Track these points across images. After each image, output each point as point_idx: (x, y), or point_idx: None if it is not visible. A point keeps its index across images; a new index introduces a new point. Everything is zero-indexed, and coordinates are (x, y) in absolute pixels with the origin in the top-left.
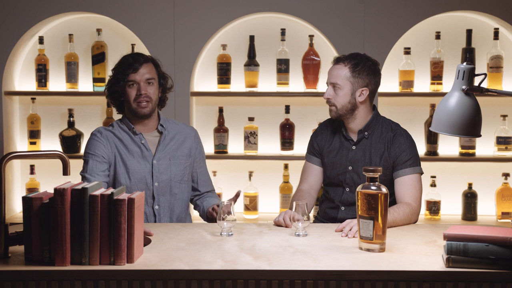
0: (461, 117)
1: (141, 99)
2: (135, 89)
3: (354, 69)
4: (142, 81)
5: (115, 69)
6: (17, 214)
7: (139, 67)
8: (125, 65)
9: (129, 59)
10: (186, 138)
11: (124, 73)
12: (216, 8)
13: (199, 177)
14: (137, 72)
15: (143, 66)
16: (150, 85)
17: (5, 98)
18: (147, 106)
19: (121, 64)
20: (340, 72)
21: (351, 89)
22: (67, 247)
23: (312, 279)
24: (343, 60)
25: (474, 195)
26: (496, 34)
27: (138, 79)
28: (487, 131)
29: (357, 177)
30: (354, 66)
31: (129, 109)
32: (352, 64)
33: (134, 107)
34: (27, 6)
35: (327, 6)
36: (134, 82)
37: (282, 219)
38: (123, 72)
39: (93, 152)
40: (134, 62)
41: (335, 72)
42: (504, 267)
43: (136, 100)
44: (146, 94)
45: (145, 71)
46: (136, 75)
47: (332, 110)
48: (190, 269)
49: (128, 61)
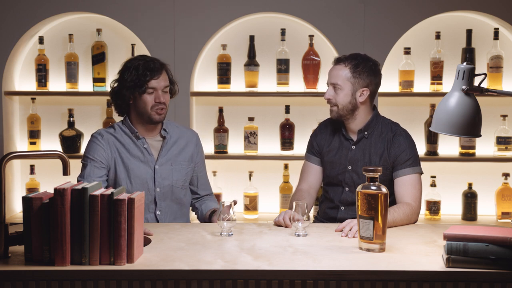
0: (461, 117)
1: (159, 106)
2: (153, 96)
3: (355, 70)
4: (160, 89)
5: (131, 72)
6: (17, 214)
7: (159, 75)
8: (146, 70)
9: (150, 65)
10: (188, 143)
11: (143, 79)
12: (216, 8)
13: (199, 181)
14: (158, 79)
15: (162, 73)
16: (166, 93)
17: (5, 98)
18: (163, 113)
19: (142, 68)
20: (340, 73)
21: (352, 89)
22: (67, 247)
23: (312, 279)
24: (344, 60)
25: (474, 195)
26: (496, 34)
27: (157, 86)
28: (487, 131)
29: (356, 177)
30: (355, 67)
31: (142, 115)
32: (352, 65)
33: (152, 114)
34: (27, 6)
35: (327, 6)
36: (154, 89)
37: (282, 219)
38: (143, 78)
39: (92, 156)
40: (154, 69)
41: (336, 72)
42: (504, 267)
43: (154, 108)
44: (164, 102)
45: (163, 78)
46: (156, 83)
47: (333, 111)
48: (190, 269)
49: (149, 67)
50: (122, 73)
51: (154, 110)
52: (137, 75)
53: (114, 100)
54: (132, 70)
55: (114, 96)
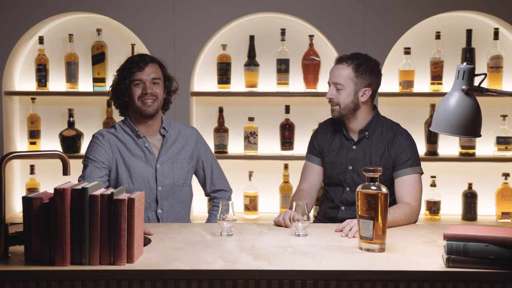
0: (461, 117)
1: (146, 97)
2: (141, 88)
3: (357, 69)
4: (148, 80)
5: (121, 69)
6: (17, 214)
7: (145, 66)
8: (131, 64)
9: (135, 58)
10: (187, 140)
11: (129, 72)
12: (216, 8)
13: (213, 175)
14: (143, 71)
15: (149, 65)
16: (155, 85)
17: (5, 98)
18: (152, 105)
19: (127, 63)
20: (343, 72)
21: (354, 89)
22: (67, 247)
23: (312, 279)
24: (346, 60)
25: (474, 195)
26: (496, 34)
27: (144, 78)
28: (487, 131)
29: (357, 177)
30: (357, 66)
31: (134, 109)
32: (355, 64)
33: (139, 105)
34: (27, 6)
35: (327, 6)
36: (140, 81)
37: (282, 219)
38: (128, 71)
39: (93, 157)
40: (140, 61)
41: (338, 72)
42: (504, 267)
43: (141, 99)
44: (152, 93)
45: (151, 70)
46: (142, 74)
47: (335, 110)
48: (190, 269)
49: (134, 60)
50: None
51: (141, 101)
52: (123, 69)
53: (112, 99)
54: (121, 67)
55: (112, 96)
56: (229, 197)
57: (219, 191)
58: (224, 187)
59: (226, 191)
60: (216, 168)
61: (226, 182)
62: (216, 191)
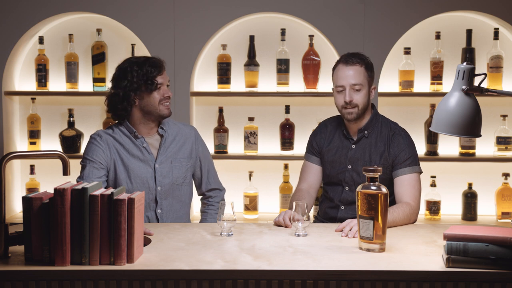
0: (461, 117)
1: (166, 100)
2: (161, 92)
3: (368, 68)
4: (165, 84)
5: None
6: (17, 214)
7: (163, 70)
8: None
9: (152, 61)
10: (186, 139)
11: (150, 75)
12: (216, 8)
13: (209, 174)
14: (163, 74)
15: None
16: (168, 87)
17: (5, 98)
18: (169, 108)
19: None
20: (359, 73)
21: (368, 88)
22: (67, 247)
23: (312, 279)
24: (357, 60)
25: (474, 195)
26: (496, 34)
27: (163, 82)
28: (487, 131)
29: (356, 176)
30: (368, 65)
31: (151, 113)
32: (365, 63)
33: (161, 109)
34: (27, 6)
35: (327, 6)
36: (161, 84)
37: (282, 219)
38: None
39: (91, 157)
40: (159, 65)
41: (354, 73)
42: (504, 267)
43: (162, 102)
44: (169, 96)
45: (165, 74)
46: (162, 78)
47: (353, 113)
48: (190, 269)
49: (153, 64)
50: (122, 76)
51: (163, 105)
52: (143, 73)
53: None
54: (136, 70)
55: (117, 101)
56: (223, 196)
57: (214, 190)
58: (219, 186)
59: (221, 190)
60: (212, 167)
61: (219, 181)
62: (211, 190)
